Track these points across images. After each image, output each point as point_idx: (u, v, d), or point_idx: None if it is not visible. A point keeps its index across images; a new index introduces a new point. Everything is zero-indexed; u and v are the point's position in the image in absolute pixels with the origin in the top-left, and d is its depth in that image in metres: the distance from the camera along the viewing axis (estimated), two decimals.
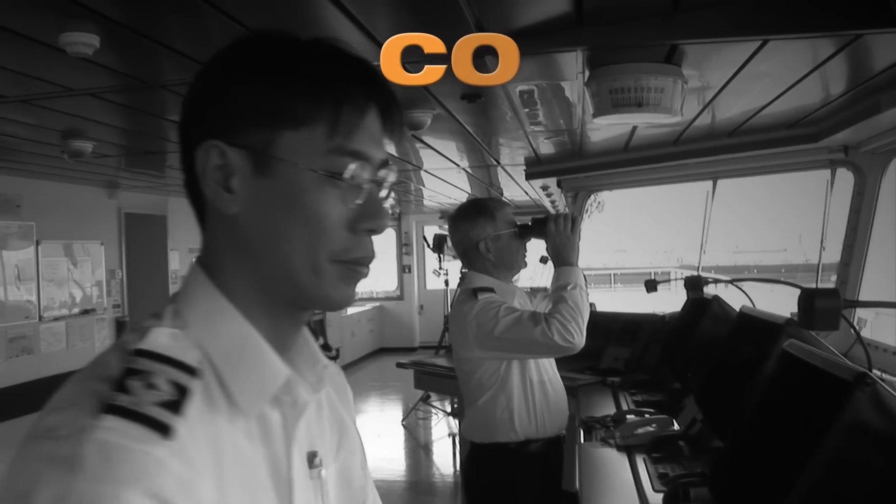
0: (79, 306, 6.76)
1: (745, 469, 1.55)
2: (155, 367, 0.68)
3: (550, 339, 2.36)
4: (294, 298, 0.78)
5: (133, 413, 0.64)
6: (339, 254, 0.76)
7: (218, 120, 0.75)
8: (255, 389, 0.74)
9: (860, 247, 3.84)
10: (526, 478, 2.51)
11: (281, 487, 0.76)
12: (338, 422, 0.94)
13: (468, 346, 2.51)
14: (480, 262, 2.62)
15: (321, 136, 0.74)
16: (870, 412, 1.23)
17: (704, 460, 2.37)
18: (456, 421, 6.85)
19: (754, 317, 2.37)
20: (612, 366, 4.08)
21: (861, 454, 1.24)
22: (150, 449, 0.62)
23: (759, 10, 2.26)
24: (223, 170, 0.75)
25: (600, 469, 2.43)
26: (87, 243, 6.91)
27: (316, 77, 0.75)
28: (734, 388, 2.24)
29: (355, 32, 2.28)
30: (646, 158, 4.74)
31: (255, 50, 0.78)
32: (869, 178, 3.81)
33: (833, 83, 3.10)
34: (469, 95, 3.15)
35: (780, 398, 1.54)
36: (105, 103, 3.16)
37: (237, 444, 0.72)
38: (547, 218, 2.58)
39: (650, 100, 2.66)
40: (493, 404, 2.51)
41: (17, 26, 2.21)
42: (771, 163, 4.44)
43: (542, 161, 5.44)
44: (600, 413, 3.17)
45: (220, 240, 0.78)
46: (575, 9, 2.21)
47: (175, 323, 0.75)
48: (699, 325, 3.11)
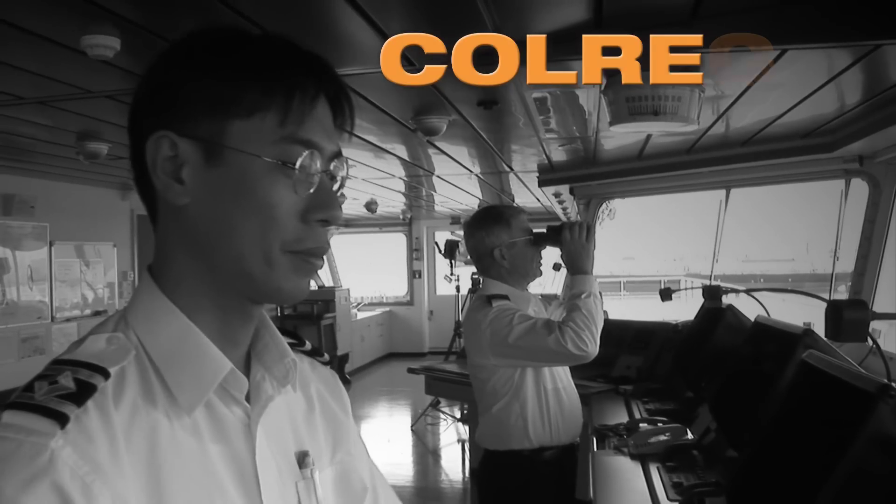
0: (91, 307, 6.79)
1: (765, 479, 1.54)
2: (62, 369, 0.68)
3: (564, 348, 2.36)
4: (245, 291, 0.78)
5: (28, 405, 0.65)
6: (291, 244, 0.75)
7: (169, 111, 0.75)
8: (193, 384, 0.74)
9: (874, 257, 3.82)
10: (540, 485, 2.50)
11: (248, 488, 0.76)
12: (332, 422, 0.93)
13: (482, 353, 2.51)
14: (495, 269, 2.62)
15: (272, 125, 0.74)
16: (893, 424, 1.22)
17: (718, 470, 2.36)
18: (465, 427, 6.84)
19: (770, 326, 2.36)
20: (624, 374, 4.07)
21: (884, 466, 1.24)
22: (42, 440, 0.62)
23: (779, 19, 2.26)
24: (174, 161, 0.74)
25: (614, 477, 2.42)
26: (99, 245, 6.94)
27: (267, 66, 0.75)
28: (750, 397, 2.24)
29: (371, 35, 2.29)
30: (659, 167, 4.73)
31: (207, 42, 0.77)
32: (884, 188, 3.80)
33: (849, 93, 3.09)
34: (485, 102, 3.16)
35: (800, 409, 1.53)
36: (122, 105, 3.17)
37: (178, 442, 0.71)
38: (562, 226, 2.58)
39: (667, 108, 2.65)
40: (508, 411, 2.51)
41: (39, 29, 2.23)
42: (785, 172, 4.44)
43: (555, 168, 5.44)
44: (613, 421, 3.15)
45: (170, 234, 0.78)
46: (594, 16, 2.22)
47: (118, 327, 0.75)
48: (713, 335, 3.10)
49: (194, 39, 0.78)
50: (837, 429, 1.31)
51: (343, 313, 10.64)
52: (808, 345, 1.97)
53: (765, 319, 2.51)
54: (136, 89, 0.79)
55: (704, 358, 3.10)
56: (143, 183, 0.79)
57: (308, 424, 0.89)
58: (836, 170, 4.03)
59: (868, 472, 1.24)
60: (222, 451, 0.75)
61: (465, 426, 6.99)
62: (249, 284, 0.77)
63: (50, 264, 6.32)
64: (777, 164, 4.26)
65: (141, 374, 0.73)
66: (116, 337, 0.74)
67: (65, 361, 0.70)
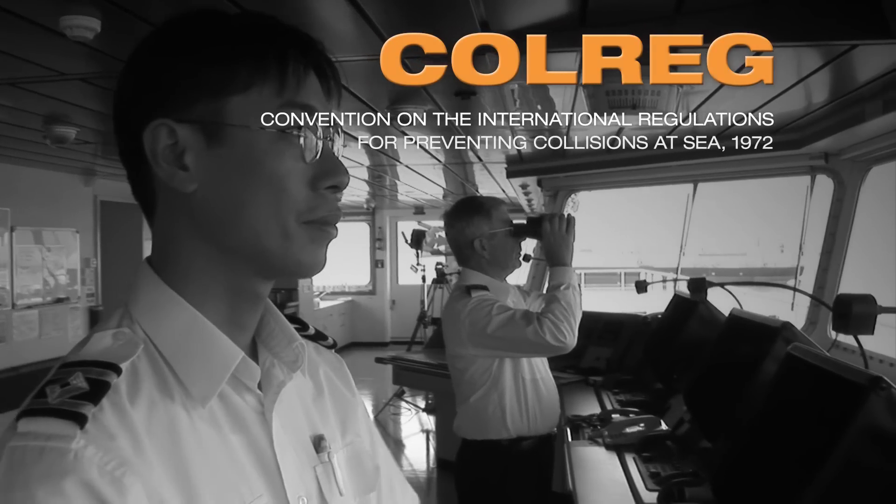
0: (52, 294, 6.65)
1: (751, 471, 1.57)
2: (72, 371, 0.67)
3: (542, 339, 2.38)
4: (262, 269, 0.77)
5: (44, 410, 0.64)
6: (305, 214, 0.75)
7: (162, 98, 0.73)
8: (206, 375, 0.73)
9: (838, 252, 3.91)
10: (517, 475, 2.52)
11: (270, 475, 0.75)
12: (341, 404, 0.93)
13: (461, 343, 2.52)
14: (475, 260, 2.63)
15: (270, 95, 0.74)
16: (884, 416, 1.25)
17: (693, 460, 2.40)
18: (430, 417, 6.85)
19: (747, 319, 2.40)
20: (593, 365, 4.11)
21: (874, 458, 1.27)
22: (63, 444, 0.61)
23: (760, 16, 2.29)
24: (174, 148, 0.73)
25: (591, 468, 2.45)
26: (61, 231, 6.80)
27: (256, 39, 0.75)
28: (726, 390, 2.27)
29: (348, 21, 2.27)
30: (629, 160, 4.78)
31: (189, 25, 0.77)
32: (848, 185, 3.89)
33: (818, 92, 3.15)
34: (463, 92, 3.15)
35: (786, 401, 1.56)
36: (95, 89, 3.12)
37: (199, 433, 0.71)
38: (542, 217, 2.60)
39: (646, 102, 2.68)
40: (486, 401, 2.52)
41: (17, 8, 2.17)
42: (751, 168, 4.51)
43: (524, 159, 5.46)
44: (584, 412, 3.19)
45: (175, 224, 0.76)
46: (579, 10, 2.23)
47: (122, 322, 0.74)
48: (685, 327, 3.15)
49: (176, 25, 0.77)
50: (827, 421, 1.34)
51: (306, 302, 10.59)
52: (786, 338, 2.01)
53: (740, 312, 2.54)
54: (121, 81, 0.78)
55: (676, 350, 3.15)
56: (139, 175, 0.77)
57: (319, 408, 0.88)
58: (802, 166, 4.11)
59: (859, 463, 1.27)
60: (241, 441, 0.75)
61: (429, 416, 7.00)
62: (268, 261, 0.76)
63: (11, 250, 6.17)
64: (744, 160, 4.33)
65: (153, 368, 0.72)
66: (122, 332, 0.73)
67: (73, 363, 0.69)
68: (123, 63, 0.78)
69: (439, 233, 8.88)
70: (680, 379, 3.03)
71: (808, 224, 4.33)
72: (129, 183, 0.79)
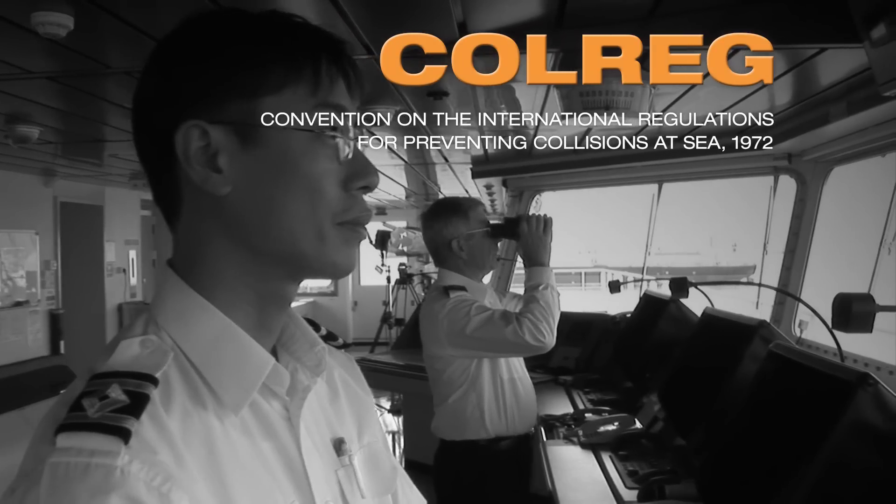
0: (11, 297, 6.50)
1: (738, 468, 1.59)
2: (108, 382, 0.65)
3: (521, 339, 2.38)
4: (294, 271, 0.76)
5: (85, 425, 0.62)
6: (339, 215, 0.74)
7: (193, 100, 0.72)
8: (238, 384, 0.72)
9: (801, 252, 3.98)
10: (496, 475, 2.53)
11: (299, 481, 0.75)
12: (357, 405, 0.92)
13: (439, 343, 2.51)
14: (452, 261, 2.63)
15: (304, 95, 0.73)
16: (872, 412, 1.28)
17: (669, 458, 2.42)
18: (396, 418, 6.83)
19: (721, 318, 2.44)
20: (562, 364, 4.13)
21: (862, 453, 1.29)
22: (109, 460, 0.60)
23: (729, 19, 2.32)
24: (206, 150, 0.72)
25: (569, 467, 2.46)
26: (20, 233, 6.66)
27: (288, 38, 0.74)
28: (702, 388, 2.30)
29: (337, 19, 2.25)
30: (595, 160, 4.81)
31: (220, 25, 0.75)
32: (811, 185, 3.96)
33: (784, 94, 3.21)
34: (436, 93, 3.15)
35: (772, 398, 1.58)
36: (62, 87, 3.04)
37: (233, 442, 0.70)
38: (520, 218, 2.61)
39: (619, 103, 2.70)
40: (464, 402, 2.52)
41: None
42: (716, 168, 4.58)
43: (490, 160, 5.47)
44: (557, 411, 3.21)
45: (204, 227, 0.75)
46: (558, 11, 2.24)
47: (148, 329, 0.73)
48: (656, 326, 3.18)
49: (200, 24, 0.76)
50: (816, 417, 1.37)
51: None
52: (764, 336, 2.05)
53: (713, 311, 2.58)
54: (144, 82, 0.76)
55: (648, 349, 3.18)
56: (162, 177, 0.75)
57: (336, 410, 0.88)
58: (765, 167, 4.18)
59: (847, 458, 1.30)
60: (271, 447, 0.74)
61: (395, 417, 6.98)
62: (302, 263, 0.75)
63: None
64: (709, 161, 4.40)
65: (184, 377, 0.70)
66: (150, 339, 0.71)
67: (106, 374, 0.67)
68: (92, 61, 0.76)
69: (404, 233, 8.87)
70: (652, 378, 3.07)
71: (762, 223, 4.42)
72: (151, 186, 0.77)
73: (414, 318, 5.46)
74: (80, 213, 7.16)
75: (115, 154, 5.42)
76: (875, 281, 3.42)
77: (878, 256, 3.42)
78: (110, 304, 7.55)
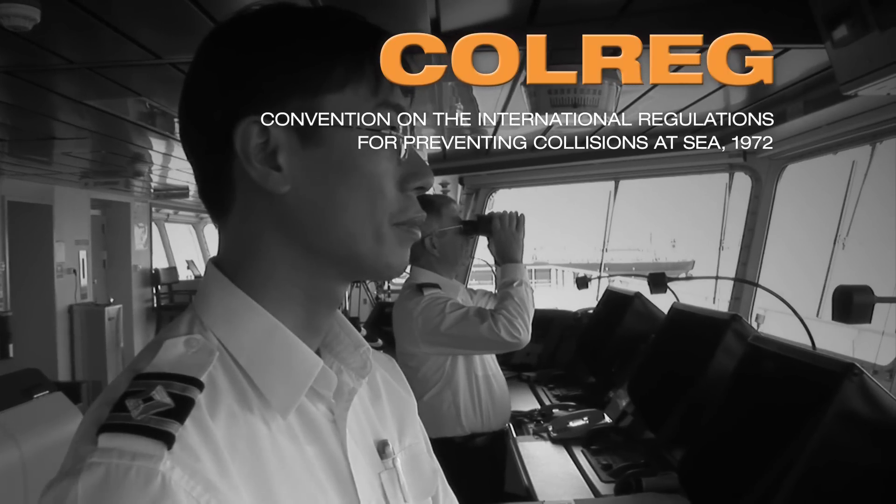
0: None
1: (720, 460, 1.62)
2: (153, 384, 0.64)
3: (497, 335, 2.39)
4: (349, 272, 0.75)
5: (128, 427, 0.61)
6: (396, 215, 0.73)
7: (252, 95, 0.70)
8: (286, 387, 0.71)
9: (757, 247, 4.08)
10: (472, 472, 2.53)
11: (344, 485, 0.73)
12: (398, 406, 0.91)
13: (413, 341, 2.50)
14: (425, 258, 2.62)
15: (366, 94, 0.72)
16: (858, 402, 1.32)
17: (640, 451, 2.46)
18: None
19: (691, 312, 2.48)
20: (525, 361, 4.15)
21: (848, 442, 1.33)
22: (151, 464, 0.59)
23: (697, 19, 2.36)
24: (264, 147, 0.70)
25: (542, 463, 2.48)
26: None
27: (350, 35, 0.72)
28: (673, 382, 2.34)
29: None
30: (553, 158, 4.85)
31: (278, 19, 0.73)
32: (766, 182, 4.06)
33: (740, 92, 3.28)
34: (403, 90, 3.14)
35: (753, 390, 1.61)
36: (20, 82, 2.93)
37: (280, 447, 0.69)
38: (492, 215, 2.61)
39: (587, 101, 2.73)
40: (440, 399, 2.52)
41: None
42: (672, 165, 4.66)
43: (448, 158, 5.47)
44: (524, 407, 3.23)
45: (258, 225, 0.73)
46: (530, 9, 2.25)
47: (193, 329, 0.71)
48: (622, 321, 3.23)
49: (257, 18, 0.73)
50: (801, 408, 1.40)
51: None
52: (737, 329, 2.09)
53: (681, 306, 2.63)
54: (197, 76, 0.73)
55: (613, 344, 3.23)
56: (214, 174, 0.73)
57: (378, 412, 0.86)
58: (721, 164, 4.26)
59: (834, 447, 1.33)
60: (318, 452, 0.72)
61: None
62: (358, 264, 0.73)
63: None
64: (665, 158, 4.47)
65: (230, 378, 0.69)
66: (195, 339, 0.69)
67: (152, 375, 0.65)
68: (58, 56, 0.74)
69: None
70: (619, 372, 3.11)
71: (702, 219, 4.51)
72: (198, 182, 0.76)
73: (374, 316, 5.44)
74: (28, 212, 6.93)
75: (68, 152, 5.27)
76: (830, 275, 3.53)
77: (833, 252, 3.52)
78: (60, 306, 7.33)
